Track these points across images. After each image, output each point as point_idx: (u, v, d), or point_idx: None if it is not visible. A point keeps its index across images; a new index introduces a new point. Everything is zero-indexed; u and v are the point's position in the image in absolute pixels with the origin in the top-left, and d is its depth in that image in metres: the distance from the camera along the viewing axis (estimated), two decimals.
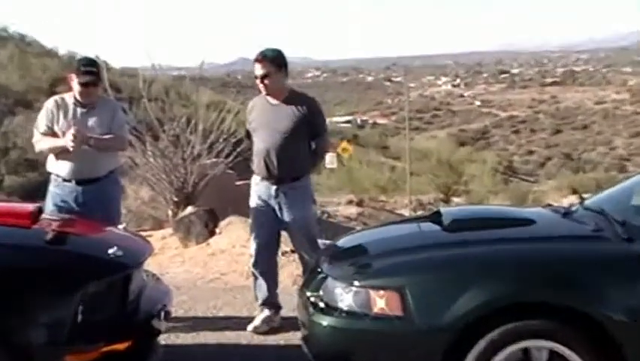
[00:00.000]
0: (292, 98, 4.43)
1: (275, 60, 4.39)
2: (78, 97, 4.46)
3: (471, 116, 75.18)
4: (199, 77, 8.94)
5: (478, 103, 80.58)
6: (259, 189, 4.52)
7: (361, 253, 3.38)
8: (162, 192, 8.52)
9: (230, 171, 9.74)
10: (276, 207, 4.43)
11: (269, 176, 4.40)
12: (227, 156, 8.58)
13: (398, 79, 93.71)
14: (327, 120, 5.03)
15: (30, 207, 3.42)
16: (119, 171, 4.97)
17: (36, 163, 15.62)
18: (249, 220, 4.77)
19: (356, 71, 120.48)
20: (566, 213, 3.43)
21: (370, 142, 50.84)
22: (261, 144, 4.41)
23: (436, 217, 3.49)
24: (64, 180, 4.44)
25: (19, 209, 3.62)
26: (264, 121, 4.44)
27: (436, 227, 3.35)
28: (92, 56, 5.47)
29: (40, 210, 3.43)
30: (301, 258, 4.62)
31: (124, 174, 8.55)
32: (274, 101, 4.43)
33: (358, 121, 73.90)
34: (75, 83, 4.44)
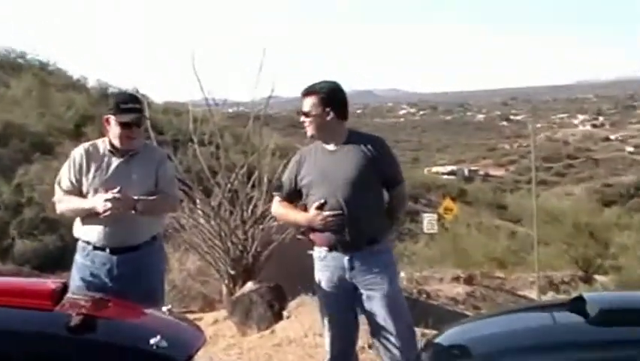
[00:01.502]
0: (353, 140, 4.45)
1: (328, 95, 4.44)
2: (116, 143, 4.57)
3: (620, 167, 73.30)
4: (263, 114, 9.03)
5: (630, 149, 78.67)
6: (326, 264, 4.47)
7: (475, 353, 3.30)
8: (215, 262, 8.60)
9: (302, 237, 9.73)
10: (351, 285, 4.38)
11: (337, 243, 4.37)
12: None
13: (519, 117, 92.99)
14: (426, 170, 5.01)
15: (51, 284, 3.46)
16: (162, 236, 5.04)
17: (57, 224, 16.00)
18: (325, 306, 4.71)
19: (462, 107, 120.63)
20: None
21: (482, 200, 50.13)
22: (321, 202, 4.40)
23: (577, 305, 3.38)
24: (95, 247, 4.53)
25: (38, 286, 3.67)
26: (321, 173, 4.43)
27: (578, 319, 3.26)
28: (129, 89, 5.64)
29: (64, 288, 3.47)
30: (388, 353, 4.47)
31: (166, 238, 8.71)
32: (330, 147, 4.45)
33: (466, 172, 73.22)
34: (113, 124, 4.55)
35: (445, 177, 62.04)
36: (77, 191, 4.55)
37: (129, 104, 4.55)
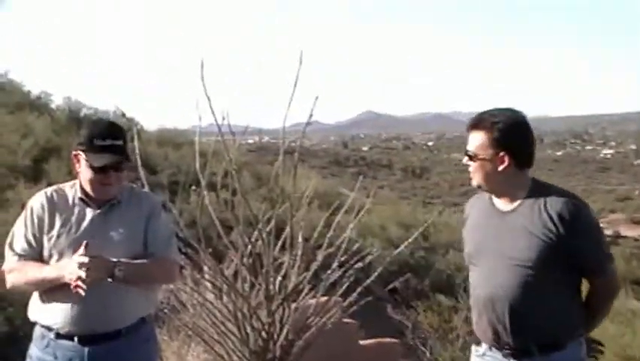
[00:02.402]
0: (536, 199, 4.31)
1: (505, 133, 4.33)
2: (88, 189, 4.61)
3: None
4: (297, 147, 9.02)
5: None
6: None
7: None
8: (228, 356, 8.57)
9: (351, 321, 9.73)
10: None
11: (498, 344, 4.34)
12: (345, 293, 8.58)
13: None
14: None
15: None
16: (153, 319, 5.04)
17: (3, 302, 16.06)
18: None
19: (580, 139, 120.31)
20: None
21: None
22: (480, 286, 4.40)
23: None
24: (59, 335, 4.54)
25: None
26: (484, 242, 4.42)
27: None
28: (111, 112, 5.67)
29: None
30: None
31: (159, 321, 8.72)
32: (502, 205, 4.41)
33: None
34: (84, 166, 4.59)
35: None
36: (36, 254, 4.58)
37: (107, 140, 4.57)
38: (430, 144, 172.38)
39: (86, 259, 4.22)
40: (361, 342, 10.29)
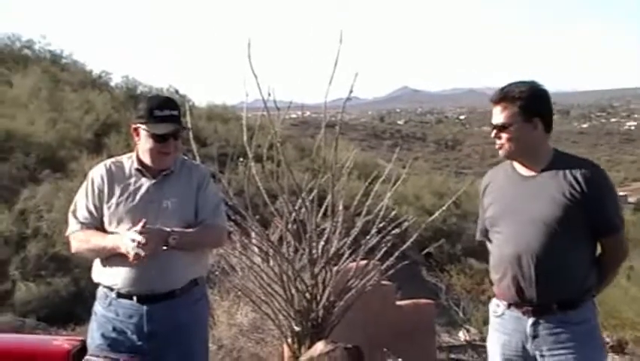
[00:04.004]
0: (558, 164, 4.36)
1: (533, 100, 4.37)
2: (146, 160, 4.66)
3: None
4: (339, 121, 9.00)
5: None
6: (503, 324, 4.49)
7: None
8: (274, 315, 8.62)
9: (388, 283, 9.73)
10: (537, 357, 4.35)
11: (521, 301, 4.35)
12: (383, 258, 8.61)
13: None
14: None
15: (66, 343, 3.50)
16: (205, 281, 5.08)
17: (70, 264, 16.17)
18: None
19: (605, 112, 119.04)
20: None
21: (633, 237, 49.06)
22: (505, 244, 4.39)
23: None
24: (120, 294, 4.59)
25: (49, 347, 3.72)
26: (511, 205, 4.42)
27: None
28: (165, 89, 5.71)
29: (82, 348, 3.51)
30: None
31: (211, 283, 8.77)
32: (526, 172, 4.43)
33: None
34: (143, 136, 4.63)
35: None
36: (98, 222, 4.64)
37: (165, 111, 4.61)
38: (462, 117, 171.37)
39: (139, 237, 4.28)
40: (398, 303, 10.26)
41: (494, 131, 4.40)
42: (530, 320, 4.29)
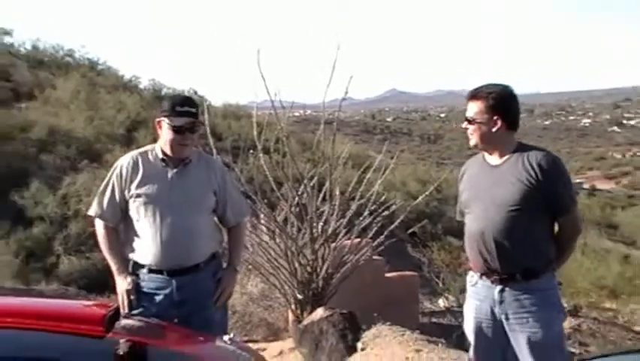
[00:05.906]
0: (520, 154, 4.38)
1: (497, 101, 4.41)
2: (167, 150, 4.65)
3: None
4: (336, 118, 9.03)
5: None
6: (477, 291, 4.51)
7: None
8: (280, 285, 8.65)
9: (379, 258, 9.74)
10: (503, 320, 4.37)
11: (489, 271, 4.38)
12: (374, 236, 8.62)
13: (633, 122, 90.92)
14: None
15: (103, 308, 3.50)
16: (221, 255, 5.10)
17: None
18: (471, 341, 4.65)
19: (564, 110, 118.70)
20: None
21: (587, 217, 49.15)
22: (474, 223, 4.43)
23: None
24: (151, 270, 4.60)
25: (88, 311, 3.73)
26: (479, 190, 4.47)
27: None
28: (185, 90, 5.71)
29: (116, 313, 3.51)
30: None
31: (225, 257, 8.80)
32: (493, 160, 4.46)
33: None
34: (165, 128, 4.63)
35: None
36: (118, 208, 4.66)
37: (184, 107, 4.62)
38: (443, 115, 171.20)
39: (127, 299, 4.58)
40: (387, 275, 10.29)
41: (466, 122, 4.47)
42: (498, 288, 4.30)
